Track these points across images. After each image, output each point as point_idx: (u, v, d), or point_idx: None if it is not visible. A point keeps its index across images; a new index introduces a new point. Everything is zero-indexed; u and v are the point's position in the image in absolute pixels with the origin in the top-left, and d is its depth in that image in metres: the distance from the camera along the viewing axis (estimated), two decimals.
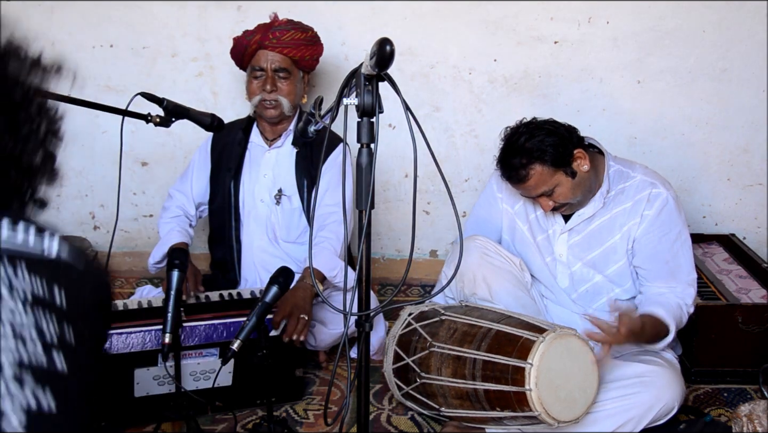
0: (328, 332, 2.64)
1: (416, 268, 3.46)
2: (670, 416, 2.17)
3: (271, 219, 2.75)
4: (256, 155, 2.78)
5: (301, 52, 2.65)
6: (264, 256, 2.76)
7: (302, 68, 2.72)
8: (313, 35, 2.73)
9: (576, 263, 2.38)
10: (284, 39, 2.63)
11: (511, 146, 2.25)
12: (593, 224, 2.34)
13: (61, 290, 0.93)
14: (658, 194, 2.28)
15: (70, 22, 3.27)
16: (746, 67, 3.13)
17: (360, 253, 1.52)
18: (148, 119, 2.23)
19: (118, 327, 2.27)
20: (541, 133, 2.22)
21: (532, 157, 2.20)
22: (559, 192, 2.24)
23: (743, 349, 2.58)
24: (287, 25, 2.67)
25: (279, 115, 2.68)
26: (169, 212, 2.85)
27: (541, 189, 2.23)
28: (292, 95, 2.67)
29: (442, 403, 2.16)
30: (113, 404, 2.29)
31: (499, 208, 2.52)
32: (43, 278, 0.92)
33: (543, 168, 2.21)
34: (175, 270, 2.07)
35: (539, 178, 2.22)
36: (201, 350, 2.31)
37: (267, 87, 2.63)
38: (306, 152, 2.71)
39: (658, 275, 2.30)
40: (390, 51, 1.33)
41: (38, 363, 0.86)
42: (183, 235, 2.74)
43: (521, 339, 2.00)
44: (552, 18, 3.14)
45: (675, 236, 2.29)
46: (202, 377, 2.34)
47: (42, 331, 0.88)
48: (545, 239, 2.43)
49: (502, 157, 2.29)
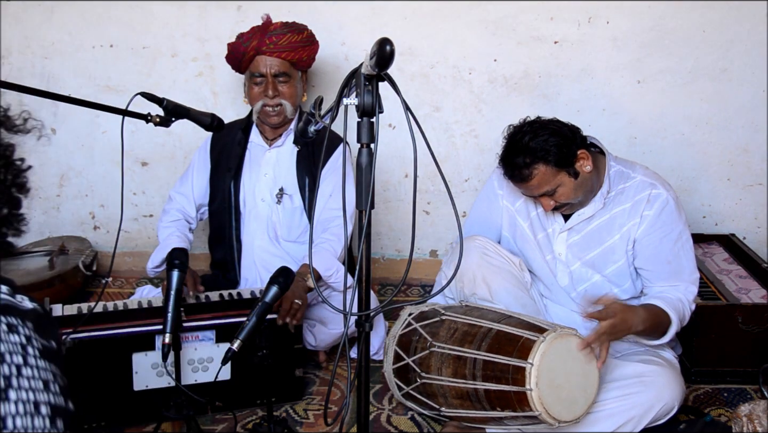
0: (328, 331, 2.64)
1: (416, 268, 3.47)
2: (670, 416, 2.16)
3: (272, 218, 2.75)
4: (256, 155, 2.78)
5: (299, 54, 2.65)
6: (265, 255, 2.76)
7: (300, 68, 2.72)
8: (308, 35, 2.72)
9: (575, 262, 2.38)
10: (281, 43, 2.62)
11: (515, 145, 2.24)
12: (592, 223, 2.34)
13: (51, 338, 0.99)
14: (658, 195, 2.28)
15: (70, 22, 3.28)
16: (746, 67, 3.13)
17: (360, 253, 1.52)
18: (148, 119, 2.23)
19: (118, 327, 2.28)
20: (545, 133, 2.20)
21: (535, 157, 2.19)
22: (561, 192, 2.24)
23: (743, 349, 2.58)
24: (283, 29, 2.66)
25: (282, 120, 2.69)
26: (168, 216, 2.83)
27: (544, 189, 2.23)
28: (293, 98, 2.68)
29: (442, 403, 2.16)
30: (113, 399, 2.28)
31: (500, 205, 2.52)
32: (37, 328, 0.98)
33: (546, 168, 2.20)
34: (175, 270, 2.07)
35: (542, 178, 2.21)
36: (197, 333, 2.31)
37: (269, 92, 2.62)
38: (307, 151, 2.71)
39: (661, 275, 2.30)
40: (390, 51, 1.33)
41: (59, 404, 0.94)
42: (182, 240, 2.73)
43: (522, 339, 2.00)
44: (552, 18, 3.14)
45: (676, 236, 2.29)
46: (200, 368, 2.34)
47: (55, 375, 0.95)
48: (545, 237, 2.43)
49: (505, 156, 2.28)
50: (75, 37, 3.30)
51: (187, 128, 2.93)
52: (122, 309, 2.40)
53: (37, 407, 0.90)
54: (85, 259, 3.29)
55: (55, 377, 0.95)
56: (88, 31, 3.28)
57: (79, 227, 3.55)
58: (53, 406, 0.92)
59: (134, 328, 2.27)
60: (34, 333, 0.95)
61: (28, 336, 0.94)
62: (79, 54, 3.31)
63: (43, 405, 0.91)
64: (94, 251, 3.45)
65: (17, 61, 3.33)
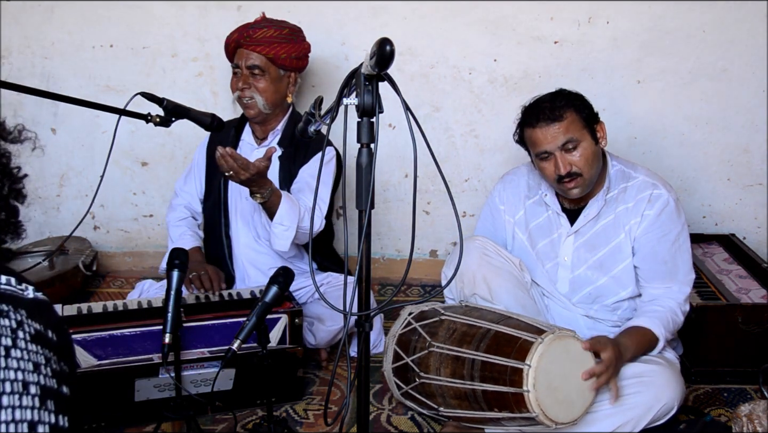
0: (327, 329, 2.64)
1: (416, 268, 3.47)
2: (669, 416, 2.16)
3: (254, 217, 2.76)
4: (245, 154, 2.77)
5: (275, 50, 2.65)
6: (250, 253, 2.79)
7: (282, 67, 2.70)
8: (290, 32, 2.71)
9: (580, 266, 2.38)
10: (257, 37, 2.64)
11: (548, 94, 2.29)
12: (598, 224, 2.35)
13: (48, 326, 1.03)
14: (659, 195, 2.29)
15: (70, 22, 3.28)
16: (746, 67, 3.13)
17: (360, 253, 1.52)
18: (148, 119, 2.22)
19: (118, 327, 2.28)
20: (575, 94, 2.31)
21: (570, 102, 2.25)
22: (581, 151, 2.23)
23: (743, 349, 2.57)
24: (262, 23, 2.70)
25: (257, 114, 2.70)
26: (176, 213, 2.88)
27: (569, 135, 2.22)
28: (267, 93, 2.67)
29: (440, 403, 2.16)
30: (113, 409, 2.29)
31: (502, 219, 2.54)
32: (33, 316, 1.01)
33: (576, 117, 2.24)
34: (175, 270, 2.07)
35: (571, 124, 2.23)
36: (203, 363, 2.31)
37: (240, 84, 2.67)
38: (290, 152, 2.72)
39: (656, 275, 2.31)
40: (390, 51, 1.33)
41: (50, 386, 0.96)
42: (195, 238, 2.80)
43: (520, 340, 2.00)
44: (552, 18, 3.14)
45: (674, 237, 2.29)
46: (203, 384, 2.34)
47: (49, 359, 0.99)
48: (549, 243, 2.43)
49: (536, 101, 2.30)
50: (75, 37, 3.30)
51: (187, 128, 2.93)
52: (122, 309, 2.40)
53: (26, 387, 0.92)
54: (85, 259, 3.29)
55: (48, 361, 0.97)
56: (88, 31, 3.28)
57: (78, 227, 3.54)
58: (43, 387, 0.94)
59: (138, 357, 2.27)
60: (27, 319, 0.98)
61: (19, 321, 0.97)
62: (79, 54, 3.31)
63: (33, 385, 0.93)
64: (94, 250, 3.46)
65: (17, 61, 3.33)
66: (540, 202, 2.46)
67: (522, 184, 2.51)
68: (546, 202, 2.43)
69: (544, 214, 2.44)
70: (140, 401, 2.30)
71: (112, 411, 2.29)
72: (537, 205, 2.46)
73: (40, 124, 3.39)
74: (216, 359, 2.30)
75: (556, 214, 2.41)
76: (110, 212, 3.53)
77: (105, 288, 3.43)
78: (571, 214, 2.40)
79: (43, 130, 3.40)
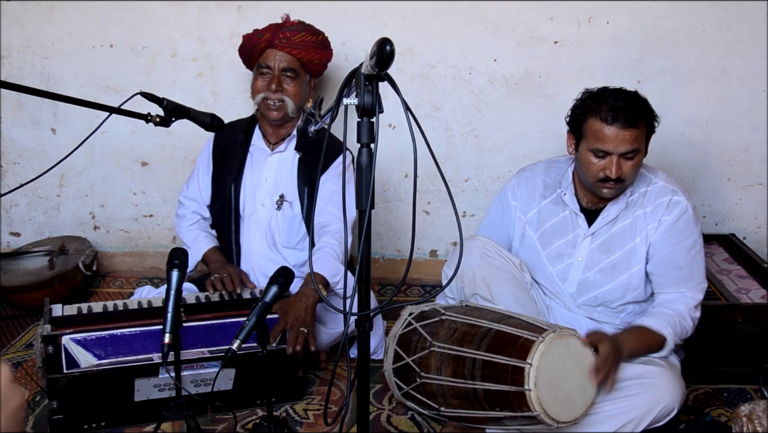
0: (328, 331, 2.63)
1: (416, 268, 3.47)
2: (670, 418, 2.16)
3: (271, 224, 2.74)
4: (258, 159, 2.77)
5: (310, 55, 2.65)
6: (262, 261, 2.75)
7: (310, 72, 2.72)
8: (323, 39, 2.74)
9: (593, 268, 2.37)
10: (294, 40, 2.63)
11: (620, 91, 2.25)
12: (615, 226, 2.34)
13: None
14: (678, 201, 2.29)
15: (70, 22, 3.28)
16: (746, 67, 3.13)
17: (360, 253, 1.52)
18: (148, 119, 2.22)
19: (118, 327, 2.28)
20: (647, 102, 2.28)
21: (646, 113, 2.23)
22: (635, 161, 2.22)
23: (743, 349, 2.58)
24: (299, 27, 2.68)
25: (282, 117, 2.67)
26: (186, 220, 2.84)
27: (635, 145, 2.20)
28: (297, 97, 2.67)
29: (441, 403, 2.16)
30: (113, 409, 2.30)
31: (513, 215, 2.52)
32: None
33: (645, 128, 2.22)
34: (175, 270, 2.06)
35: (640, 134, 2.21)
36: (203, 363, 2.31)
37: (272, 86, 2.63)
38: (308, 158, 2.68)
39: (670, 280, 2.30)
40: (390, 51, 1.33)
41: None
42: (210, 239, 2.77)
43: (521, 339, 2.00)
44: (552, 18, 3.14)
45: (690, 244, 2.29)
46: (203, 384, 2.34)
47: None
48: (564, 243, 2.41)
49: (610, 95, 2.23)
50: (75, 37, 3.30)
51: (187, 128, 2.94)
52: (122, 309, 2.40)
53: None
54: (85, 259, 3.29)
55: None
56: (88, 31, 3.28)
57: (79, 227, 3.55)
58: None
59: (138, 356, 2.26)
60: None
61: None
62: (79, 54, 3.31)
63: None
64: (94, 250, 3.45)
65: (17, 61, 3.33)
66: (557, 201, 2.43)
67: (538, 183, 2.49)
68: (564, 201, 2.41)
69: (561, 213, 2.42)
70: (140, 401, 2.30)
71: (112, 411, 2.29)
72: (553, 204, 2.44)
73: (40, 124, 3.39)
74: (216, 359, 2.30)
75: (574, 214, 2.39)
76: (110, 212, 3.53)
77: (105, 288, 3.43)
78: (588, 214, 2.39)
79: (43, 130, 3.40)
